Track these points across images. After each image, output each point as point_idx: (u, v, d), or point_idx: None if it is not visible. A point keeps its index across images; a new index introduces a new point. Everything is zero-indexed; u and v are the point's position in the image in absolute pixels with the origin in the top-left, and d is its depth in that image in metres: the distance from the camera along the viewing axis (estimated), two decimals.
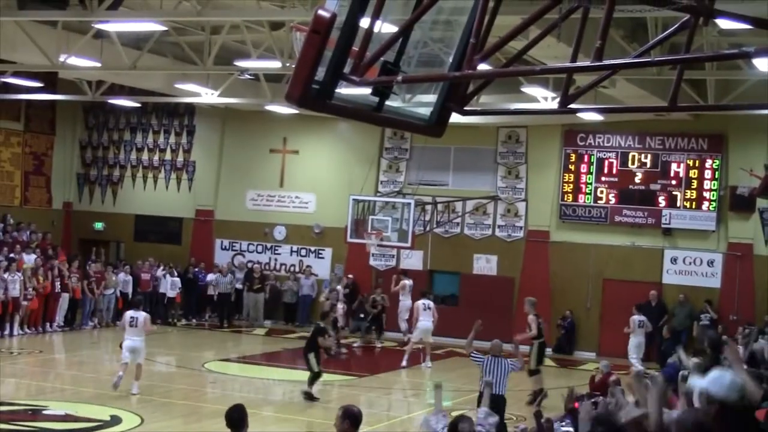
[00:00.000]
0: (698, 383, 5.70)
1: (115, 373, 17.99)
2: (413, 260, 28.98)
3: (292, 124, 29.95)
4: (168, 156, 32.94)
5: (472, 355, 15.62)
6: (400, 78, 5.38)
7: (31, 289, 25.39)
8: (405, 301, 26.94)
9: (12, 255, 26.55)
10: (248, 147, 31.36)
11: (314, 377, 18.55)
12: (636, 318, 23.25)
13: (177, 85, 25.55)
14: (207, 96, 26.00)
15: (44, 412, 16.17)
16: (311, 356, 18.51)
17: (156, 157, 33.13)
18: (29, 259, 26.79)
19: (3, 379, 18.61)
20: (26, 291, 25.20)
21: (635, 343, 23.20)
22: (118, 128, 33.67)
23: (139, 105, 30.91)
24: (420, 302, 23.87)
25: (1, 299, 24.59)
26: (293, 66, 17.06)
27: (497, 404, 12.84)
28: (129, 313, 18.60)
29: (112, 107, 31.91)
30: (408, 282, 27.02)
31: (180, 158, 32.78)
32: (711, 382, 5.65)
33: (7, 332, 24.80)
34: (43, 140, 32.80)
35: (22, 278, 25.16)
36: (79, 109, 33.45)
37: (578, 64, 5.04)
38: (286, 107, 26.74)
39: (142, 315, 18.42)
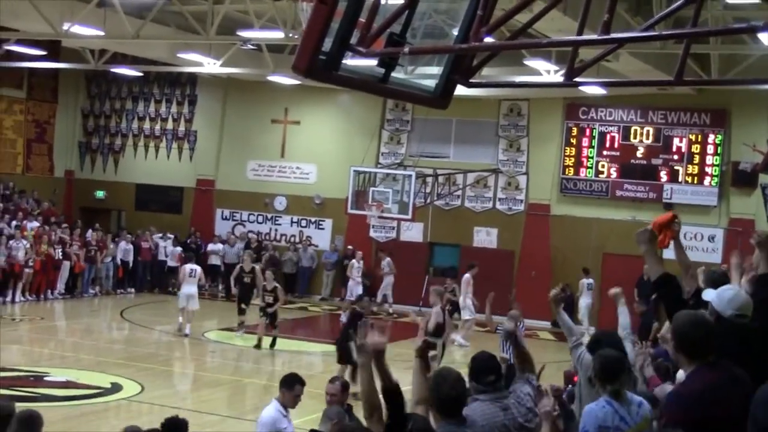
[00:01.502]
0: (708, 295, 5.77)
1: (176, 323, 21.96)
2: (413, 232, 29.03)
3: (294, 95, 29.90)
4: (169, 125, 32.92)
5: (498, 328, 15.06)
6: (406, 49, 5.38)
7: (34, 256, 25.49)
8: (387, 278, 27.60)
9: (15, 222, 26.64)
10: (250, 117, 31.33)
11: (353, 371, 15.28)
12: (584, 281, 24.95)
13: (179, 55, 25.48)
14: (209, 66, 25.92)
15: (45, 378, 16.28)
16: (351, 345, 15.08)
17: (158, 127, 33.12)
18: (32, 226, 26.89)
19: (5, 345, 18.71)
20: (29, 257, 25.32)
21: (584, 304, 25.02)
22: (120, 97, 33.64)
23: (141, 74, 30.85)
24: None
25: (4, 266, 24.71)
26: (296, 36, 17.07)
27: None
28: (188, 266, 22.51)
29: (115, 76, 31.85)
30: (387, 259, 27.38)
31: (181, 128, 32.77)
32: (720, 299, 5.71)
33: (8, 299, 24.93)
34: (45, 108, 32.79)
35: (26, 244, 25.29)
36: (82, 78, 33.40)
37: (585, 37, 5.05)
38: (288, 78, 26.69)
39: (198, 268, 22.61)
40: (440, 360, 16.01)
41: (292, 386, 8.77)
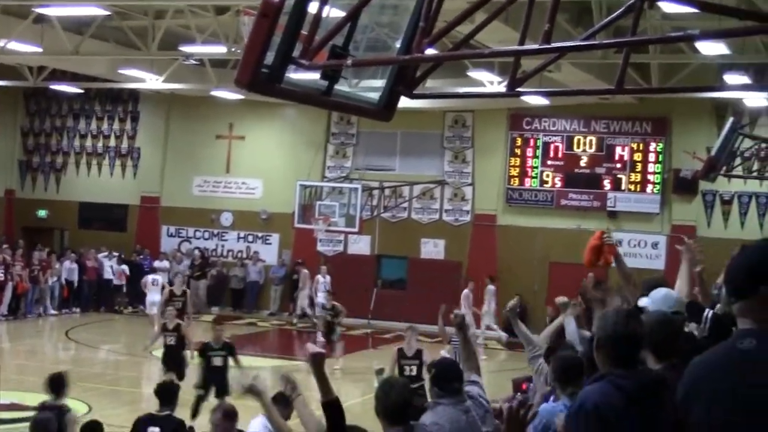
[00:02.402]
0: (642, 301, 5.84)
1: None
2: (361, 245, 29.03)
3: (238, 110, 29.76)
4: (112, 143, 32.57)
5: (452, 340, 15.12)
6: (349, 62, 5.37)
7: None
8: (304, 290, 27.60)
9: None
10: (194, 133, 31.11)
11: None
12: (490, 287, 24.99)
13: (120, 71, 25.24)
14: (151, 82, 25.71)
15: None
16: None
17: (100, 144, 32.74)
18: None
19: None
20: None
21: (486, 309, 24.90)
22: (60, 114, 33.21)
23: (81, 91, 30.50)
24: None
25: None
26: (239, 51, 16.97)
27: None
28: (150, 276, 24.44)
29: (54, 93, 31.43)
30: (305, 271, 27.60)
31: (124, 144, 32.44)
32: (654, 300, 5.78)
33: None
34: None
35: None
36: (20, 95, 32.92)
37: (526, 47, 5.08)
38: (232, 93, 26.57)
39: (159, 278, 24.28)
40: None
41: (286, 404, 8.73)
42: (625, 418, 3.97)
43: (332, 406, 5.33)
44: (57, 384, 9.06)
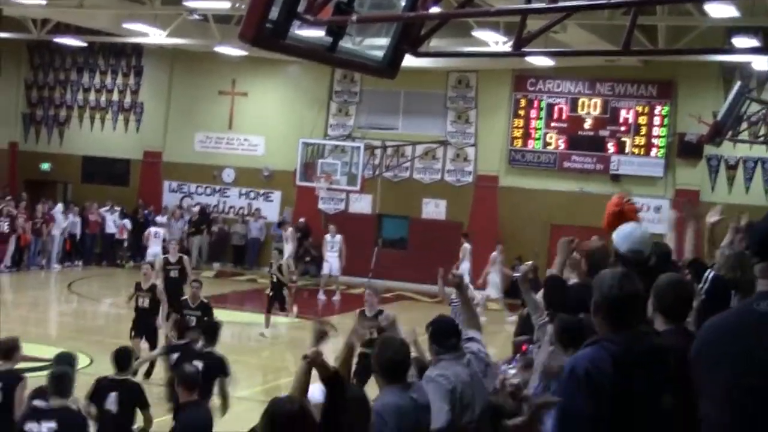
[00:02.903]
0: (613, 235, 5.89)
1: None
2: (362, 204, 29.04)
3: (241, 66, 29.63)
4: (115, 97, 32.50)
5: (452, 302, 15.06)
6: (354, 18, 5.35)
7: None
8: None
9: None
10: (197, 88, 31.01)
11: None
12: (466, 246, 24.95)
13: (124, 25, 25.11)
14: (155, 36, 25.59)
15: None
16: None
17: (103, 98, 32.67)
18: None
19: None
20: None
21: (465, 268, 24.56)
22: (64, 68, 33.09)
23: (85, 44, 30.35)
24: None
25: None
26: (243, 6, 16.86)
27: None
28: (152, 229, 26.35)
29: (58, 46, 31.29)
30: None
31: (128, 99, 32.36)
32: (618, 235, 5.81)
33: None
34: None
35: None
36: (24, 48, 32.76)
37: (533, 6, 5.06)
38: (235, 49, 26.43)
39: (161, 230, 26.12)
40: None
41: None
42: (617, 383, 3.95)
43: (332, 380, 5.36)
44: (124, 359, 8.96)
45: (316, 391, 8.34)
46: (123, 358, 9.10)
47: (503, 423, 5.06)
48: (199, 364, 9.34)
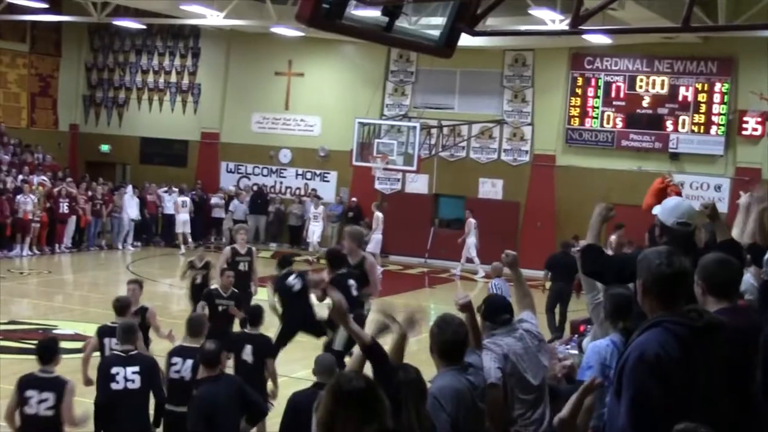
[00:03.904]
0: (655, 209, 5.84)
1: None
2: (418, 184, 29.03)
3: (298, 47, 29.73)
4: (173, 78, 32.82)
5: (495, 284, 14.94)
6: None
7: (39, 211, 25.58)
8: (376, 235, 26.28)
9: (21, 176, 26.73)
10: (253, 69, 31.19)
11: None
12: (471, 221, 25.55)
13: (182, 7, 25.33)
14: (212, 18, 25.78)
15: (54, 331, 16.38)
16: None
17: (161, 80, 33.01)
18: (39, 180, 26.99)
19: (14, 299, 18.83)
20: (36, 213, 25.45)
21: (471, 243, 25.69)
22: (123, 50, 33.49)
23: (144, 27, 30.66)
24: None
25: (8, 221, 24.84)
26: None
27: None
28: (180, 198, 28.40)
29: (118, 29, 31.68)
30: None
31: (185, 81, 32.67)
32: (664, 208, 5.76)
33: (16, 252, 25.05)
34: (48, 62, 32.68)
35: (34, 199, 25.40)
36: (85, 31, 33.22)
37: None
38: (292, 29, 26.52)
39: (188, 199, 28.32)
40: None
41: None
42: (684, 365, 3.93)
43: (370, 350, 5.41)
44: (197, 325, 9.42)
45: None
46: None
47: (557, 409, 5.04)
48: (249, 347, 9.90)
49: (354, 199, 29.08)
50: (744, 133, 25.63)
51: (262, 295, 14.05)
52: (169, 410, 8.63)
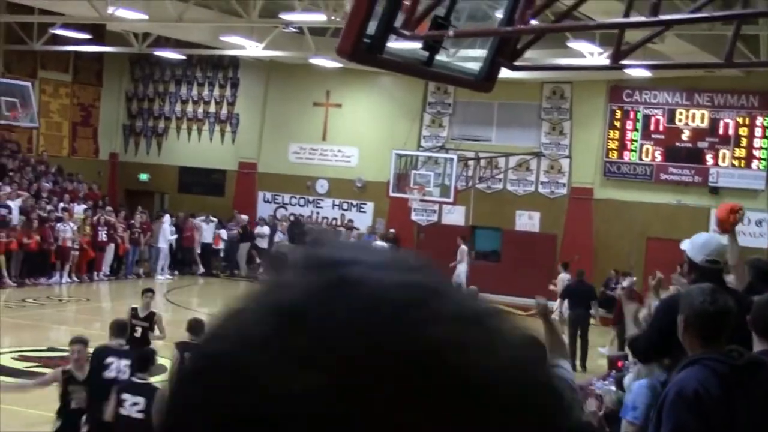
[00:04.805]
0: (683, 244, 5.75)
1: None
2: (455, 216, 28.96)
3: (336, 78, 29.87)
4: (212, 108, 33.08)
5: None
6: (451, 33, 5.34)
7: (78, 240, 25.82)
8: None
9: (62, 204, 27.01)
10: (291, 100, 31.36)
11: None
12: (463, 248, 24.67)
13: (222, 38, 25.57)
14: (251, 49, 25.99)
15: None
16: None
17: (200, 110, 33.29)
18: (79, 209, 27.24)
19: (54, 325, 18.98)
20: (76, 240, 25.70)
21: (462, 270, 25.18)
22: (163, 80, 33.83)
23: (184, 57, 30.98)
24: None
25: (53, 248, 25.10)
26: (338, 19, 16.93)
27: None
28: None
29: (158, 59, 32.02)
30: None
31: (224, 111, 32.92)
32: (693, 244, 5.67)
33: (55, 279, 25.25)
34: (90, 91, 33.08)
35: (74, 227, 25.66)
36: (126, 61, 33.61)
37: (633, 19, 4.99)
38: (330, 60, 26.67)
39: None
40: None
41: None
42: (724, 402, 3.88)
43: None
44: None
45: None
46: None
47: None
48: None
49: (392, 230, 29.04)
50: None
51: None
52: None
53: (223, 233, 29.59)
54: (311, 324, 0.68)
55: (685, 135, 26.33)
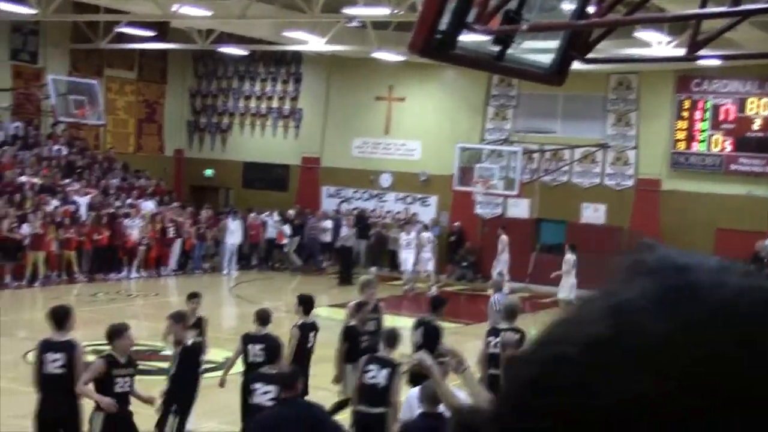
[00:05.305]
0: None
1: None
2: (520, 208, 28.75)
3: (399, 72, 29.82)
4: (275, 104, 33.26)
5: None
6: (525, 27, 5.26)
7: (147, 235, 26.16)
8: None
9: (129, 200, 27.38)
10: (354, 94, 31.39)
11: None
12: (504, 238, 23.82)
13: (284, 33, 25.67)
14: (314, 44, 26.06)
15: (161, 353, 16.60)
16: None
17: (263, 105, 33.48)
18: (146, 205, 27.58)
19: (124, 319, 19.17)
20: (144, 236, 26.05)
21: (503, 260, 25.07)
22: (226, 76, 34.08)
23: (247, 53, 31.18)
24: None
25: (121, 243, 25.50)
26: (401, 13, 16.80)
27: None
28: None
29: (221, 56, 32.27)
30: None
31: (287, 106, 33.07)
32: None
33: (124, 274, 25.62)
34: (155, 89, 33.47)
35: (141, 223, 26.00)
36: (189, 58, 33.93)
37: (712, 9, 4.86)
38: (393, 54, 26.62)
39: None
40: None
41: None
42: None
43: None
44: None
45: (412, 398, 8.39)
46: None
47: None
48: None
49: (457, 223, 28.92)
50: None
51: None
52: (361, 411, 9.60)
53: (286, 229, 29.69)
54: (657, 327, 0.67)
55: (756, 124, 25.80)
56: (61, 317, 9.44)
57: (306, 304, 11.87)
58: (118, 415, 8.85)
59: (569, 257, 22.75)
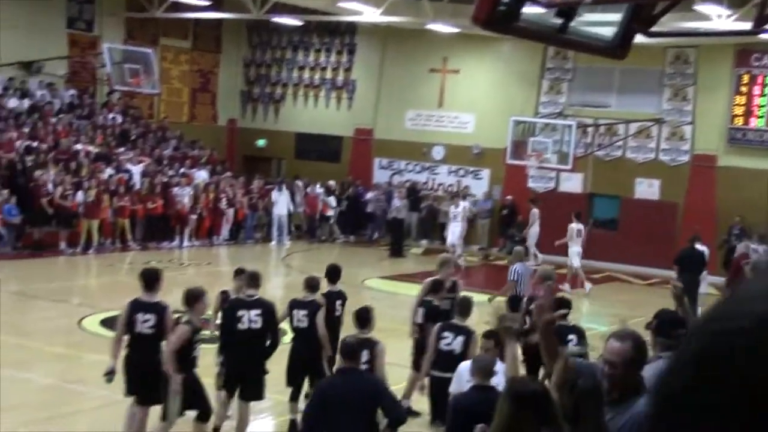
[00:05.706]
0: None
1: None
2: (573, 183, 28.53)
3: (453, 44, 29.63)
4: (329, 75, 33.24)
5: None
6: None
7: (199, 205, 26.37)
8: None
9: (183, 169, 27.60)
10: (408, 66, 31.27)
11: None
12: (574, 226, 23.12)
13: (339, 4, 25.62)
14: (369, 14, 25.97)
15: (216, 322, 16.75)
16: None
17: (317, 76, 33.49)
18: (199, 174, 27.78)
19: (175, 288, 19.34)
20: (197, 205, 26.28)
21: (533, 233, 25.09)
22: (280, 47, 34.13)
23: (301, 23, 31.18)
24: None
25: (173, 212, 25.75)
26: None
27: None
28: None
29: (275, 26, 32.31)
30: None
31: (340, 77, 33.03)
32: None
33: (176, 243, 25.87)
34: (209, 58, 33.63)
35: (191, 192, 26.21)
36: (244, 28, 34.03)
37: None
38: (448, 26, 26.45)
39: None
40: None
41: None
42: None
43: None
44: (364, 319, 9.57)
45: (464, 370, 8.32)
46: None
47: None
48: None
49: (509, 197, 28.77)
50: None
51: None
52: (436, 376, 9.74)
53: (332, 200, 29.71)
54: None
55: None
56: (151, 279, 9.76)
57: (331, 273, 11.91)
58: (190, 378, 9.09)
59: (572, 226, 22.88)
